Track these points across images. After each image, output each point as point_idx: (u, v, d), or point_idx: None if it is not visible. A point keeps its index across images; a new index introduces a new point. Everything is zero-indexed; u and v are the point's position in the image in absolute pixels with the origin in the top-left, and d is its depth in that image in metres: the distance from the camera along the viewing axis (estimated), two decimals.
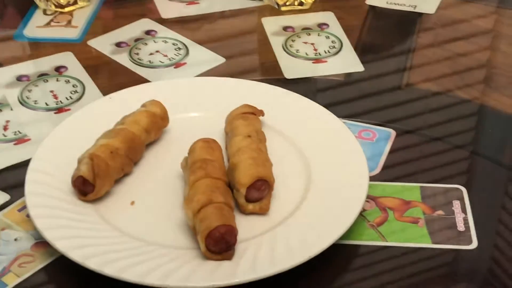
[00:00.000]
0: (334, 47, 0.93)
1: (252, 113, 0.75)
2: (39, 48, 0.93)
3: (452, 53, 0.93)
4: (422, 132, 0.79)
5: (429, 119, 0.82)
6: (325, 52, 0.92)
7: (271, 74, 0.89)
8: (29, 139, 0.78)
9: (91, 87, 0.85)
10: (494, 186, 0.74)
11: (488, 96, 0.86)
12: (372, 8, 1.01)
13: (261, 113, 0.76)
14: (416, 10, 1.00)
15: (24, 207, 0.68)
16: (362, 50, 0.93)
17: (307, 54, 0.92)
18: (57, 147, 0.72)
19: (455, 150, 0.78)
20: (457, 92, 0.86)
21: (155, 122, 0.74)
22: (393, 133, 0.78)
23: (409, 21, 1.00)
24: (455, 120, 0.82)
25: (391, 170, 0.74)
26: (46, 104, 0.83)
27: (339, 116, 0.77)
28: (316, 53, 0.92)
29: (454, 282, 0.64)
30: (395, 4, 1.02)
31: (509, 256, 0.66)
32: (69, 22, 0.97)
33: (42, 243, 0.65)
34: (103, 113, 0.77)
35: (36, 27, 0.96)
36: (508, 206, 0.71)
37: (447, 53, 0.93)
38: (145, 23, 0.97)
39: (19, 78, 0.87)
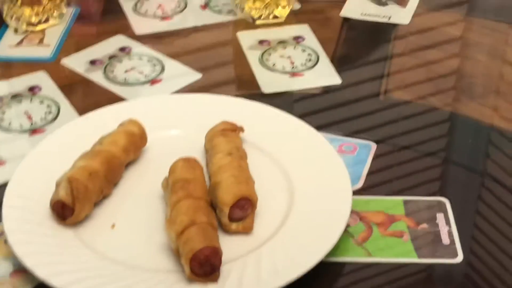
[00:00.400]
0: (310, 60, 0.92)
1: (232, 130, 0.74)
2: (11, 68, 0.92)
3: (429, 63, 0.93)
4: (403, 144, 0.79)
5: (409, 130, 0.81)
6: (302, 65, 0.91)
7: (249, 89, 0.89)
8: (3, 162, 0.76)
9: (66, 107, 0.84)
10: (477, 197, 0.74)
11: (466, 105, 0.86)
12: (347, 20, 1.01)
13: (241, 129, 0.75)
14: (391, 21, 1.00)
15: (1, 233, 0.66)
16: (339, 63, 0.92)
17: (284, 68, 0.91)
18: (34, 170, 0.71)
19: (437, 161, 0.78)
20: (436, 103, 0.86)
21: (134, 142, 0.73)
22: (373, 145, 0.78)
23: (384, 32, 1.00)
24: (435, 131, 0.82)
25: (374, 184, 0.74)
26: (21, 126, 0.81)
27: (319, 130, 0.76)
28: (292, 66, 0.91)
29: None
30: (369, 15, 1.02)
31: (494, 268, 0.65)
32: (41, 40, 0.95)
33: (21, 270, 0.63)
34: (80, 134, 0.75)
35: (8, 46, 0.95)
36: (490, 217, 0.71)
37: (424, 64, 0.93)
38: (119, 40, 0.96)
39: None
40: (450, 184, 0.75)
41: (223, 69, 0.94)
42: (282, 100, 0.86)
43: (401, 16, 1.01)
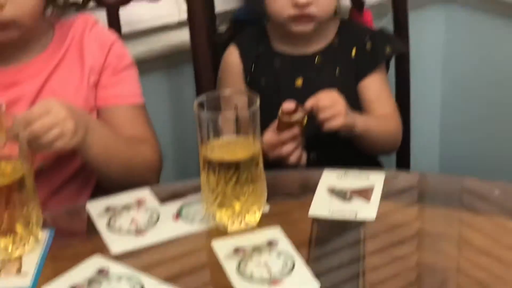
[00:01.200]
0: (286, 265, 0.95)
1: None
2: None
3: (399, 260, 0.96)
4: None
5: None
6: (279, 272, 0.93)
7: None
8: None
9: None
10: None
11: None
12: (316, 220, 1.05)
13: None
14: (357, 218, 1.04)
15: None
16: (314, 265, 0.94)
17: (262, 277, 0.93)
18: None
19: None
20: None
21: None
22: None
23: (353, 229, 1.03)
24: None
25: None
26: None
27: None
28: (270, 274, 0.93)
29: None
30: (336, 212, 1.05)
31: None
32: (19, 270, 0.96)
33: None
34: None
35: None
36: None
37: (395, 261, 0.96)
38: (96, 261, 0.97)
39: None
40: None
41: (202, 281, 0.96)
42: None
43: (367, 210, 1.05)
